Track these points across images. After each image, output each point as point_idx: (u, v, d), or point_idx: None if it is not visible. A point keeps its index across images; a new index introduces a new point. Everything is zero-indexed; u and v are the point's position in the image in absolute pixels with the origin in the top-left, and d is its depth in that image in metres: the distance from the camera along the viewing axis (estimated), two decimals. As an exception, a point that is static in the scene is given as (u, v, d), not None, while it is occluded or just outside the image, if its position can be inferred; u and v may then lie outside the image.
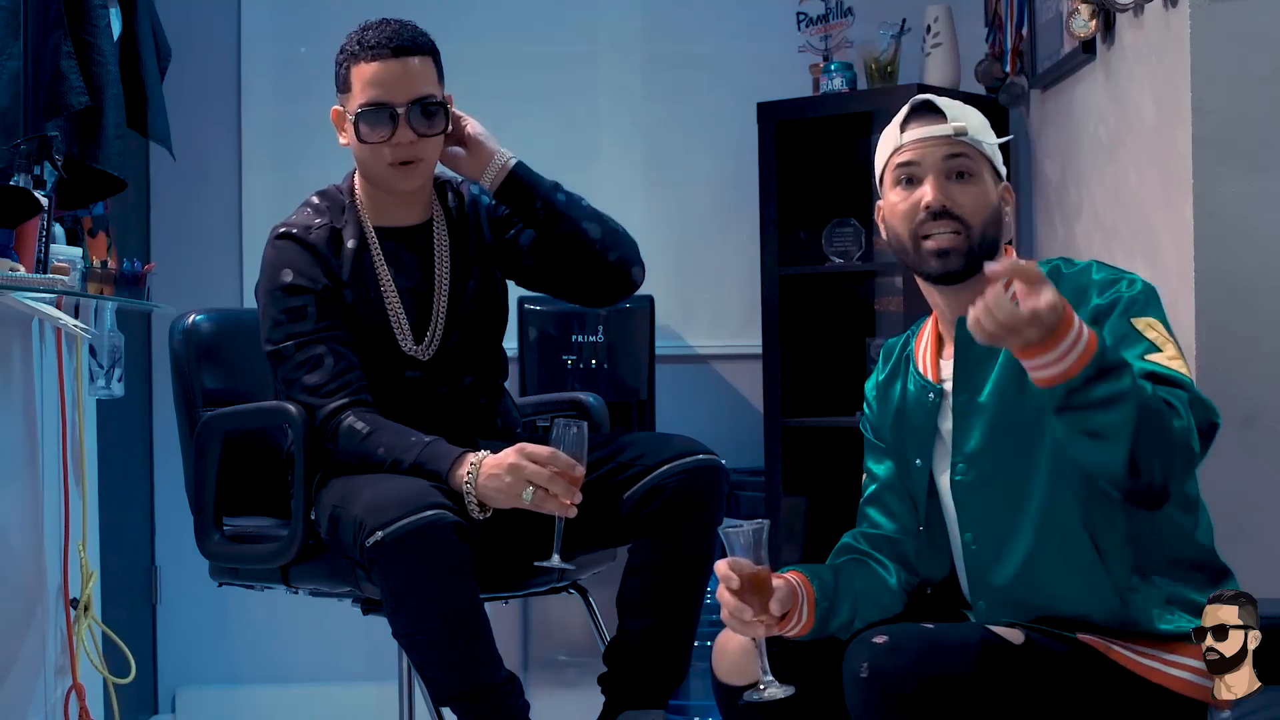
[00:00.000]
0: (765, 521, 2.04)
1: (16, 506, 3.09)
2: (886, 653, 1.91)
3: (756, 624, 2.02)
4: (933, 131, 2.13)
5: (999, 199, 2.15)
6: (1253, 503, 2.68)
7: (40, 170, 2.91)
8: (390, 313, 2.68)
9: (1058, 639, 2.04)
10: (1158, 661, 2.02)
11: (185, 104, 4.05)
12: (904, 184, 2.14)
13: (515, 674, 2.49)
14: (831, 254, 4.04)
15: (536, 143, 4.26)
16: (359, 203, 2.72)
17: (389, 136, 2.60)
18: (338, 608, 2.82)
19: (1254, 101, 2.70)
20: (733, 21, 4.34)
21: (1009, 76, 3.93)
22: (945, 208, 2.10)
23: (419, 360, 2.69)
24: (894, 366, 2.29)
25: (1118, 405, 1.85)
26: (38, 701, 3.16)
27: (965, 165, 2.12)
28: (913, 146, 2.13)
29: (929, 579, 2.26)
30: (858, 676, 1.91)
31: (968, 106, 2.18)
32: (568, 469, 2.43)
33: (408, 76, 2.60)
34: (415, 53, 2.61)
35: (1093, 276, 2.09)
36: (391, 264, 2.69)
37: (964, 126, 2.12)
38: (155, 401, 4.23)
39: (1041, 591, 2.08)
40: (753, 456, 4.08)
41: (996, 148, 2.17)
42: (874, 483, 2.30)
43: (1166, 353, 1.99)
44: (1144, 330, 2.01)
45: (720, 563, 2.03)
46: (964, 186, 2.12)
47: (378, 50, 2.59)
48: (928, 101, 2.16)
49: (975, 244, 2.10)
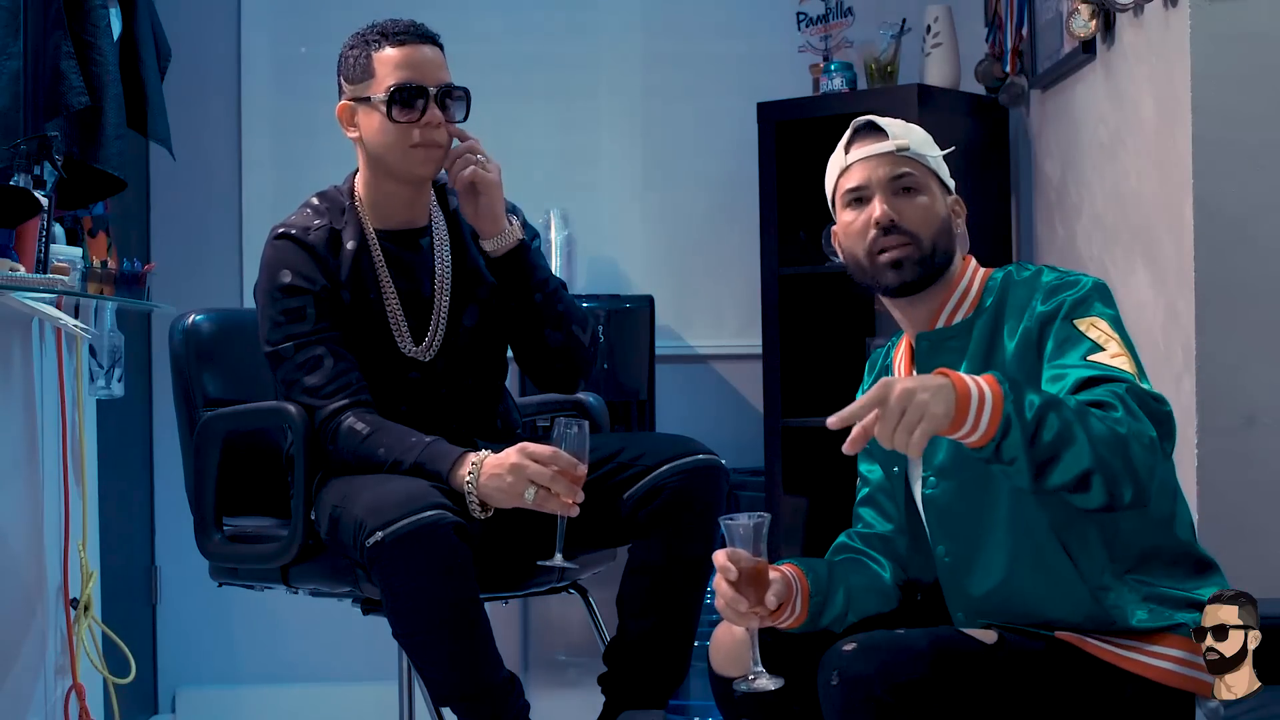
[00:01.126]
0: (766, 515, 2.06)
1: (16, 506, 3.09)
2: (854, 658, 1.93)
3: (751, 615, 2.04)
4: (875, 149, 2.17)
5: (947, 211, 2.19)
6: (1253, 503, 2.68)
7: (40, 170, 2.91)
8: (389, 315, 2.67)
9: (1032, 637, 2.05)
10: (1138, 653, 2.02)
11: (185, 104, 4.05)
12: (854, 205, 2.19)
13: (515, 674, 2.49)
14: (831, 254, 4.03)
15: (536, 143, 4.30)
16: (359, 204, 2.71)
17: (419, 117, 2.61)
18: (338, 608, 2.82)
19: (1254, 101, 2.70)
20: (733, 21, 4.34)
21: (1009, 76, 3.93)
22: (894, 222, 2.14)
23: (419, 362, 2.69)
24: (877, 376, 2.32)
25: (1070, 444, 1.85)
26: (38, 701, 3.16)
27: (910, 181, 2.16)
28: (858, 166, 2.18)
29: (919, 580, 2.28)
30: (829, 685, 1.93)
31: (910, 125, 2.22)
32: (570, 468, 2.44)
33: (436, 61, 2.65)
34: (436, 43, 2.67)
35: (1041, 280, 2.12)
36: (391, 266, 2.69)
37: (906, 143, 2.17)
38: (155, 401, 4.23)
39: (1018, 600, 2.10)
40: (753, 456, 4.08)
41: (942, 160, 2.21)
42: (866, 486, 2.33)
43: (1109, 351, 2.00)
44: (1086, 330, 2.03)
45: (719, 553, 2.05)
46: (910, 201, 2.15)
47: (404, 36, 2.64)
48: (870, 122, 2.20)
49: (927, 253, 2.14)
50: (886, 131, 2.17)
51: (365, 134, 2.66)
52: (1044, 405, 1.86)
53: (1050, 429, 1.85)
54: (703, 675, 2.32)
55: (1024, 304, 2.09)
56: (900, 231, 2.13)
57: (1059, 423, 1.85)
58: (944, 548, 2.16)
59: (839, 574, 2.18)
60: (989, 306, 2.14)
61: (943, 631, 2.05)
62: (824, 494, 4.05)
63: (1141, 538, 2.08)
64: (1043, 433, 1.85)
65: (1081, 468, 1.87)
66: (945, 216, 2.17)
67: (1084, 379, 1.97)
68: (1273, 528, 2.69)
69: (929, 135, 2.23)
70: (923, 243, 2.14)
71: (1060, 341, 2.04)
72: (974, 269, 2.19)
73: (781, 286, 3.99)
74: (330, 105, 2.70)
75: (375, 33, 2.65)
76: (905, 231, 2.13)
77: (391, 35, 2.64)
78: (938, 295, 2.17)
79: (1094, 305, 2.06)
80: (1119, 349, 2.01)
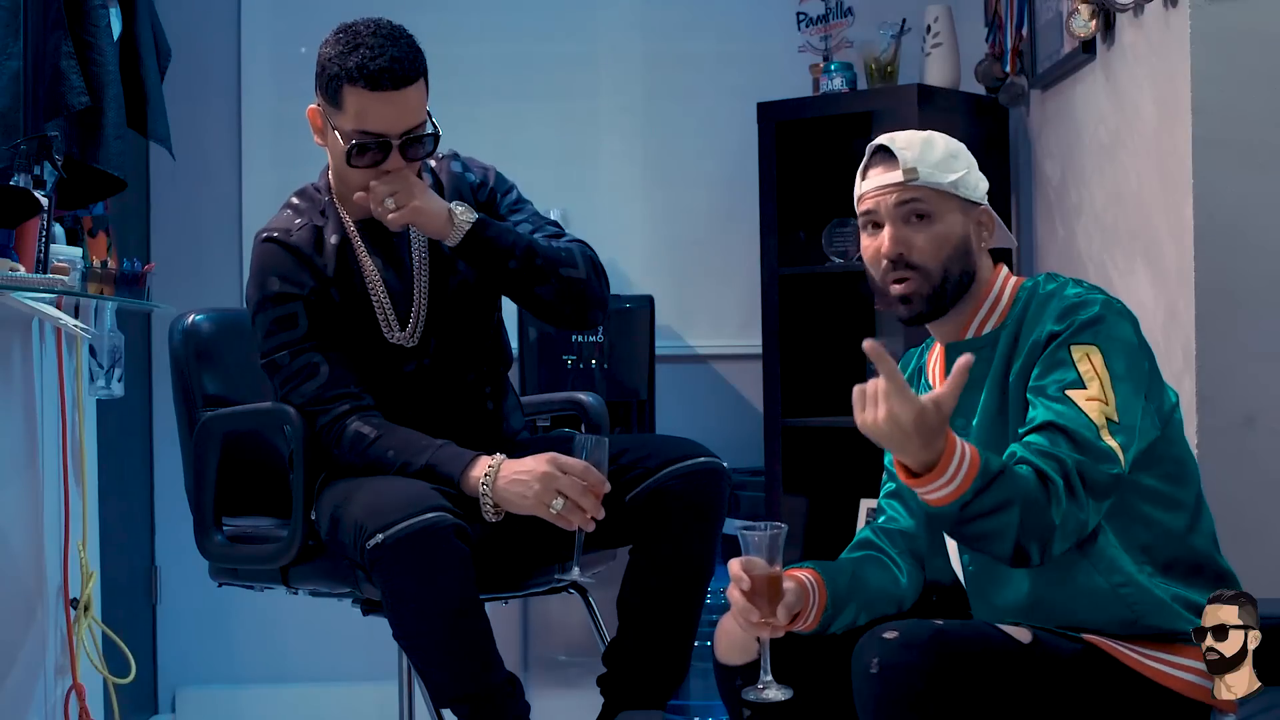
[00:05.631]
0: (783, 526, 2.05)
1: (16, 506, 3.09)
2: (898, 648, 1.91)
3: (763, 626, 2.02)
4: (884, 180, 2.15)
5: (966, 230, 2.15)
6: (1253, 503, 2.68)
7: (40, 170, 2.91)
8: (376, 304, 2.66)
9: (1065, 638, 2.05)
10: (1162, 663, 2.03)
11: (185, 104, 4.05)
12: (869, 229, 2.18)
13: (516, 675, 2.49)
14: (831, 254, 4.04)
15: (537, 143, 4.30)
16: (336, 198, 2.71)
17: (379, 163, 2.56)
18: (338, 608, 2.82)
19: (1254, 101, 2.70)
20: (733, 21, 4.34)
21: (1009, 76, 3.93)
22: (900, 256, 2.13)
23: (405, 348, 2.67)
24: (909, 377, 2.31)
25: (1003, 512, 1.90)
26: (38, 701, 3.16)
27: (919, 208, 2.13)
28: (871, 195, 2.17)
29: (938, 581, 2.27)
30: (868, 672, 1.92)
31: (932, 141, 2.16)
32: (598, 485, 2.44)
33: (405, 109, 2.53)
34: (413, 82, 2.54)
35: (1061, 294, 2.10)
36: (376, 254, 2.68)
37: (915, 171, 2.13)
38: (155, 401, 4.23)
39: (1038, 600, 2.10)
40: (753, 456, 4.08)
41: (961, 178, 2.15)
42: (893, 480, 2.32)
43: (1088, 390, 1.99)
44: (1077, 361, 2.02)
45: (734, 561, 2.04)
46: (920, 229, 2.13)
47: (379, 80, 2.49)
48: (883, 146, 2.17)
49: (936, 286, 2.13)
50: (899, 159, 2.13)
51: (330, 153, 2.64)
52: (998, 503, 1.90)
53: (986, 506, 1.90)
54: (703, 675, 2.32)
55: (1039, 319, 2.09)
56: (908, 266, 2.12)
57: (1014, 489, 1.91)
58: (969, 558, 2.16)
59: (857, 582, 2.18)
60: (1013, 319, 2.13)
61: (980, 626, 2.04)
62: (824, 494, 4.05)
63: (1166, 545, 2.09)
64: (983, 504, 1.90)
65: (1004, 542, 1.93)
66: (963, 237, 2.15)
67: (1042, 422, 1.99)
68: (1273, 528, 2.69)
69: (952, 149, 2.17)
70: (932, 275, 2.12)
71: (1049, 365, 2.04)
72: (1004, 278, 2.18)
73: (781, 286, 3.99)
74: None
75: (353, 60, 2.49)
76: (914, 266, 2.12)
77: (367, 76, 2.49)
78: (965, 309, 2.16)
79: (1099, 333, 2.03)
80: (1097, 392, 1.99)
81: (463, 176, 2.77)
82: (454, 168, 2.77)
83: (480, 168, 2.80)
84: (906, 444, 1.86)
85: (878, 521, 2.32)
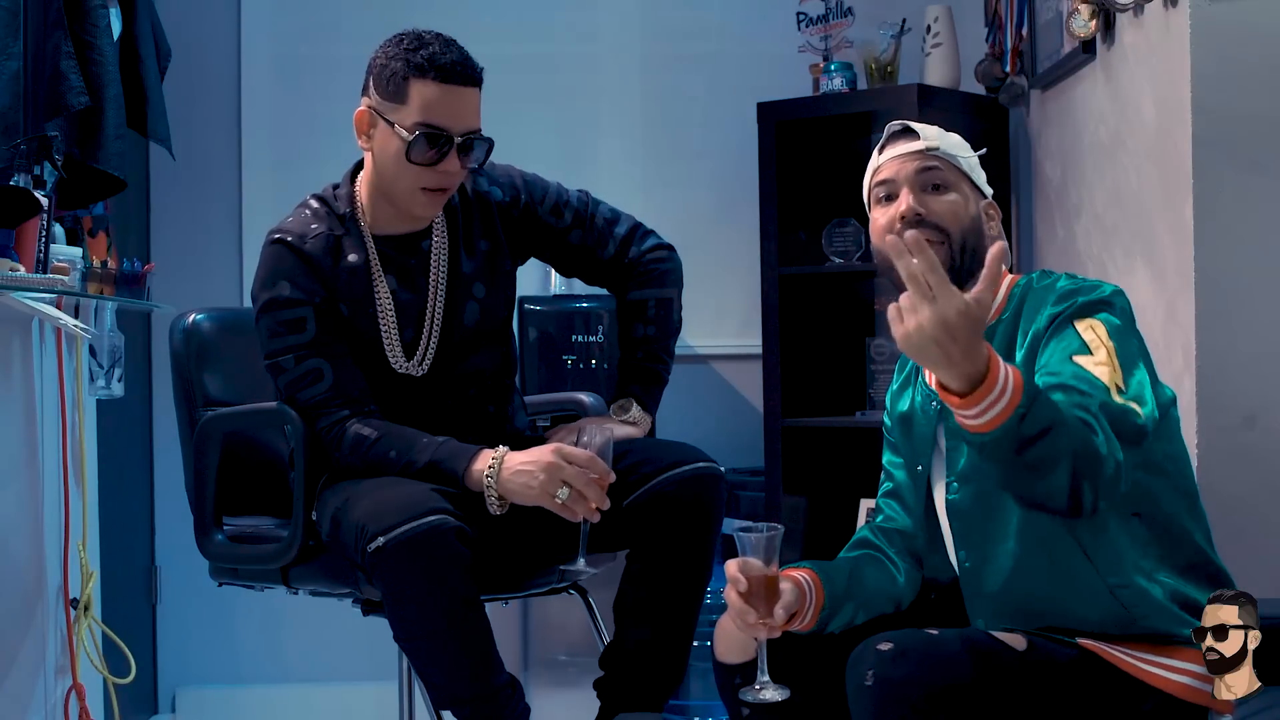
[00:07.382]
0: (780, 528, 2.05)
1: (16, 506, 3.09)
2: (892, 660, 1.90)
3: (760, 627, 2.02)
4: (906, 148, 2.17)
5: (979, 211, 2.17)
6: (1253, 503, 2.68)
7: (40, 170, 2.91)
8: (384, 332, 2.65)
9: (1060, 644, 2.04)
10: (1158, 667, 2.02)
11: (185, 104, 4.05)
12: (883, 201, 2.17)
13: (516, 677, 2.49)
14: (831, 254, 4.04)
15: (537, 143, 4.29)
16: (360, 210, 2.68)
17: (437, 162, 2.55)
18: (338, 608, 2.82)
19: (1254, 101, 2.70)
20: (733, 21, 4.34)
21: (1009, 76, 3.93)
22: (920, 215, 2.12)
23: (413, 377, 2.67)
24: (907, 376, 2.32)
25: (1054, 433, 1.81)
26: (38, 701, 3.16)
27: (938, 177, 2.15)
28: (889, 164, 2.17)
29: (935, 579, 2.27)
30: (863, 684, 1.90)
31: (947, 132, 2.21)
32: (604, 475, 2.45)
33: (470, 107, 2.56)
34: (477, 84, 2.57)
35: (1056, 286, 2.10)
36: (390, 275, 2.66)
37: (937, 144, 2.16)
38: (155, 401, 4.23)
39: (1034, 596, 2.09)
40: (753, 456, 4.08)
41: (976, 164, 2.20)
42: (890, 479, 2.32)
43: (1096, 357, 1.97)
44: (1082, 331, 2.01)
45: (731, 563, 2.03)
46: (938, 196, 2.14)
47: (451, 74, 2.52)
48: (904, 125, 2.20)
49: (956, 252, 2.11)
50: (919, 134, 2.17)
51: (378, 153, 2.60)
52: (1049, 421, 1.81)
53: (1038, 424, 1.81)
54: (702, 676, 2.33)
55: (1037, 309, 2.08)
56: (927, 225, 2.10)
57: (1049, 425, 1.82)
58: (964, 552, 2.16)
59: (855, 582, 2.18)
60: (1009, 314, 2.13)
61: (975, 635, 2.03)
62: (824, 494, 4.05)
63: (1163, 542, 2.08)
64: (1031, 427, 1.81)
65: (1059, 459, 1.83)
66: (977, 216, 2.16)
67: (1054, 385, 1.93)
68: (1272, 527, 2.69)
69: (964, 141, 2.22)
70: (952, 237, 2.11)
71: (1053, 340, 2.03)
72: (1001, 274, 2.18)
73: (781, 286, 3.99)
74: (331, 104, 2.70)
75: (422, 55, 2.52)
76: (932, 225, 2.11)
77: (437, 67, 2.52)
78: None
79: (1101, 311, 2.03)
80: (1105, 358, 1.97)
81: (488, 195, 2.75)
82: (480, 185, 2.75)
83: (505, 178, 2.77)
84: (950, 349, 1.76)
85: (875, 521, 2.32)
